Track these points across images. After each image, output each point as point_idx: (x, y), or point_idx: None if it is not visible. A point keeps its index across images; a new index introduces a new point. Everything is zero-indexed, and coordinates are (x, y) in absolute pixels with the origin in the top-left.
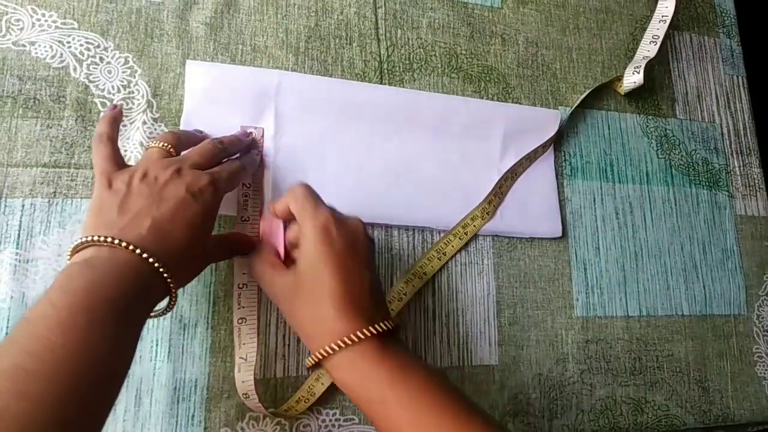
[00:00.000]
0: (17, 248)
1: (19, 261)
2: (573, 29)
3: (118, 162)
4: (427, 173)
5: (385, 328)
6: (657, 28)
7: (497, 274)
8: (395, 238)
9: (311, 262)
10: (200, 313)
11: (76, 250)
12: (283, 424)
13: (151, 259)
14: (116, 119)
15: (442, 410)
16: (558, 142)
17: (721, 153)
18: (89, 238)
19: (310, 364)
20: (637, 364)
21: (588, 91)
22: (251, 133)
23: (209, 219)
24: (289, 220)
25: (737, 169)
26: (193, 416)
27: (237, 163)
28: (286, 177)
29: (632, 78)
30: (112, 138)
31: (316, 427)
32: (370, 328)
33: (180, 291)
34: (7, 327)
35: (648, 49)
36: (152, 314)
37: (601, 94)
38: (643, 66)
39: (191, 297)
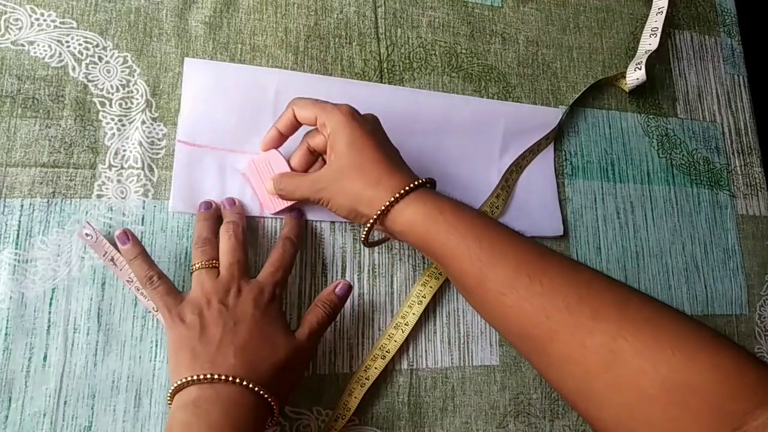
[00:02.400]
0: (16, 248)
1: (18, 261)
2: (573, 28)
3: (176, 294)
4: (427, 172)
5: (428, 179)
6: (655, 20)
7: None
8: None
9: (350, 142)
10: None
11: (176, 392)
12: (282, 425)
13: (251, 386)
14: (143, 252)
15: (503, 231)
16: (558, 141)
17: (722, 152)
18: (190, 378)
19: (371, 227)
20: None
21: (588, 87)
22: (89, 235)
23: (284, 326)
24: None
25: (738, 168)
26: None
27: (287, 256)
28: None
29: (635, 75)
30: (160, 273)
31: (316, 427)
32: (419, 180)
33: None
34: (6, 327)
35: (649, 42)
36: None
37: (602, 94)
38: (644, 61)
39: None
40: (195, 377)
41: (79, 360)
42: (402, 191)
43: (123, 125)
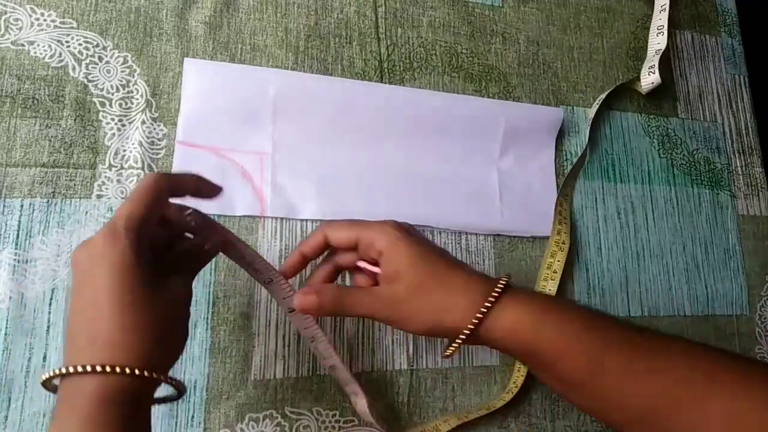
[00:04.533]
0: (16, 248)
1: (18, 261)
2: (574, 28)
3: None
4: (428, 172)
5: (507, 279)
6: (659, 18)
7: (498, 274)
8: None
9: (410, 258)
10: (200, 314)
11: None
12: (282, 425)
13: (89, 368)
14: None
15: (608, 326)
16: (559, 141)
17: (723, 152)
18: (45, 377)
19: (463, 341)
20: None
21: (609, 90)
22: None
23: (126, 275)
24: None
25: (739, 168)
26: (192, 417)
27: (146, 183)
28: (285, 176)
29: (650, 79)
30: None
31: (316, 428)
32: (501, 281)
33: None
34: (6, 327)
35: (657, 41)
36: (165, 399)
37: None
38: (656, 64)
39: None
40: (48, 375)
41: None
42: (495, 293)
43: (123, 125)
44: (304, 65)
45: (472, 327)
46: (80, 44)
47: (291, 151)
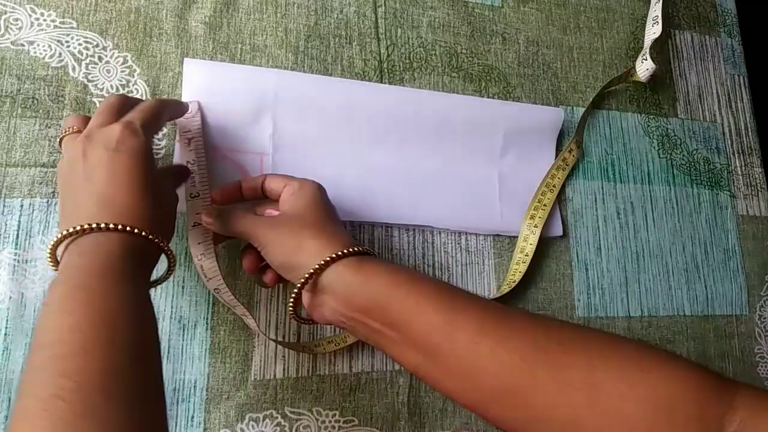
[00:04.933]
0: (16, 248)
1: (18, 261)
2: (574, 28)
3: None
4: (428, 172)
5: (363, 249)
6: (655, 9)
7: (498, 274)
8: (395, 238)
9: (302, 205)
10: (199, 314)
11: (54, 264)
12: (282, 425)
13: (111, 226)
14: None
15: (440, 291)
16: (559, 141)
17: (723, 153)
18: (52, 245)
19: (297, 290)
20: None
21: (602, 88)
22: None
23: (145, 161)
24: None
25: (739, 168)
26: (192, 417)
27: (152, 101)
28: None
29: (644, 66)
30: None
31: (316, 428)
32: (352, 248)
33: (179, 291)
34: (6, 327)
35: (653, 31)
36: (158, 281)
37: (603, 93)
38: (648, 50)
39: (190, 298)
40: (56, 239)
41: None
42: (341, 252)
43: None
44: (304, 65)
45: (311, 272)
46: (80, 44)
47: (291, 152)
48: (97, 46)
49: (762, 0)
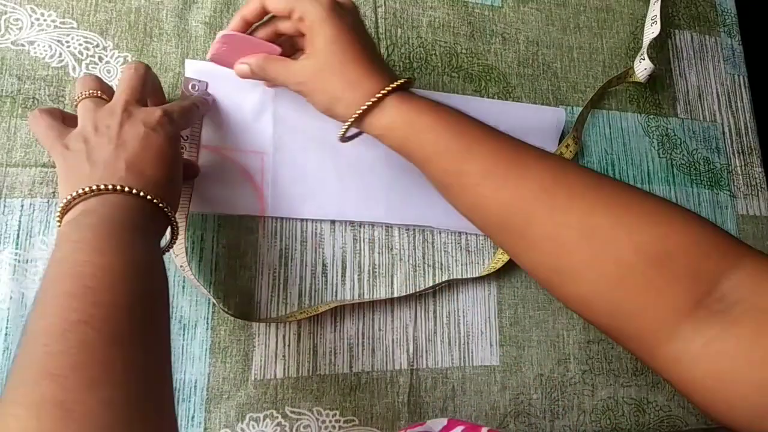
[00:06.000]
0: (17, 248)
1: (19, 261)
2: (573, 28)
3: (60, 128)
4: None
5: (406, 79)
6: (654, 9)
7: (498, 274)
8: (395, 238)
9: (331, 39)
10: (200, 314)
11: (63, 214)
12: (282, 425)
13: (141, 193)
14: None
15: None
16: (561, 141)
17: (723, 152)
18: (75, 193)
19: (346, 130)
20: (639, 365)
21: (600, 88)
22: (195, 86)
23: (174, 146)
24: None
25: (739, 168)
26: (193, 417)
27: (188, 101)
28: (285, 176)
29: (642, 66)
30: (47, 109)
31: (317, 428)
32: (398, 82)
33: (180, 291)
34: (7, 327)
35: (652, 30)
36: (163, 249)
37: (603, 93)
38: (646, 51)
39: (191, 298)
40: (81, 191)
41: None
42: (378, 95)
43: None
44: None
45: (352, 120)
46: (80, 44)
47: (291, 151)
48: (97, 46)
49: (762, 0)
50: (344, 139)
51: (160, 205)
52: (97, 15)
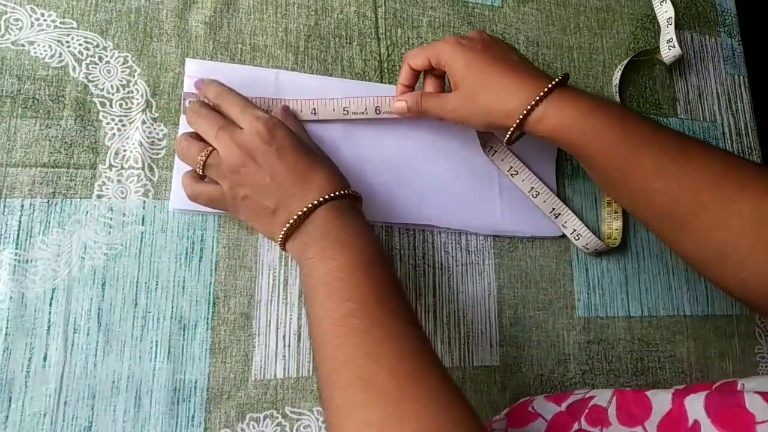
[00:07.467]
0: (17, 248)
1: (19, 261)
2: (574, 28)
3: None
4: (428, 172)
5: (562, 77)
6: None
7: (498, 274)
8: (395, 238)
9: (466, 65)
10: (200, 314)
11: (285, 241)
12: (282, 425)
13: (339, 192)
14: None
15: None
16: None
17: None
18: (293, 221)
19: (512, 133)
20: (639, 365)
21: (626, 61)
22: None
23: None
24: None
25: None
26: (193, 417)
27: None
28: None
29: (671, 53)
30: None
31: (317, 428)
32: (553, 82)
33: (180, 291)
34: (7, 327)
35: (664, 10)
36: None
37: (603, 93)
38: (674, 36)
39: (191, 298)
40: (297, 215)
41: (79, 360)
42: (537, 98)
43: (123, 125)
44: (304, 65)
45: (515, 125)
46: (80, 44)
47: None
48: (97, 46)
49: (762, 0)
50: (510, 141)
51: (359, 196)
52: (97, 15)
